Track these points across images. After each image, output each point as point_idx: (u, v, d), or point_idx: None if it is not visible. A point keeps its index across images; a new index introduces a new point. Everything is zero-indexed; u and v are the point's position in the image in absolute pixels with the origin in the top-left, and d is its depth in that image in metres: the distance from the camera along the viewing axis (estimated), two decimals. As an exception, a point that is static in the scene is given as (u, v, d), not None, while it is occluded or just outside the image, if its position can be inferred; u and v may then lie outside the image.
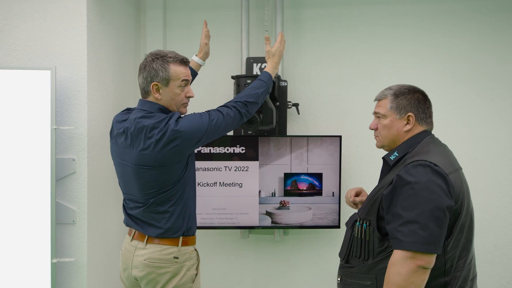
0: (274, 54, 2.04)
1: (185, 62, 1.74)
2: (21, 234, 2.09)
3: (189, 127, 1.64)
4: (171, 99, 1.71)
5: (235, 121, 1.77)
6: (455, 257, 1.43)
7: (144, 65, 1.71)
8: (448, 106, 2.58)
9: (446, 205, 1.36)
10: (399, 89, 1.59)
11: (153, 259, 1.70)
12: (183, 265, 1.71)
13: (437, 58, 2.58)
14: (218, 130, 1.72)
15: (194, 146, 1.68)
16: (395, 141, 1.60)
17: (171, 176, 1.67)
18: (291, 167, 2.44)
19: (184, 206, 1.72)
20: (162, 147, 1.61)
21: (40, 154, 2.09)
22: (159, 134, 1.61)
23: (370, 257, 1.52)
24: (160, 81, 1.68)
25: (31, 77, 2.09)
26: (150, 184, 1.68)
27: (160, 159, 1.63)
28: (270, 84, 1.95)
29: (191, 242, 1.77)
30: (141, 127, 1.64)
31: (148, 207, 1.70)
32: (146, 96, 1.73)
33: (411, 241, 1.35)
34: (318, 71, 2.68)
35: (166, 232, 1.70)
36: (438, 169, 1.39)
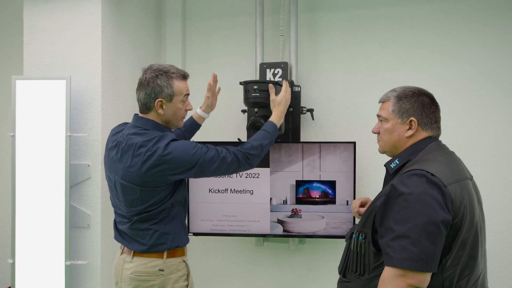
0: (279, 103, 1.96)
1: (186, 76, 1.77)
2: (38, 237, 2.20)
3: (178, 155, 1.61)
4: (173, 114, 1.72)
5: (230, 168, 1.71)
6: (455, 276, 1.31)
7: (147, 81, 1.69)
8: (471, 111, 2.41)
9: (441, 219, 1.25)
10: (403, 92, 1.49)
11: (139, 272, 1.70)
12: (169, 278, 1.69)
13: (460, 60, 2.42)
14: (207, 170, 1.66)
15: (180, 175, 1.65)
16: (396, 146, 1.50)
17: (155, 197, 1.66)
18: (303, 174, 2.38)
19: (169, 224, 1.70)
20: (147, 169, 1.61)
21: (56, 160, 2.19)
22: (146, 155, 1.61)
23: (366, 272, 1.44)
24: (164, 97, 1.68)
25: (48, 87, 2.21)
26: (134, 201, 1.68)
27: (143, 180, 1.63)
28: (275, 135, 1.89)
29: (178, 254, 1.74)
30: (131, 143, 1.65)
31: (133, 224, 1.70)
32: (147, 111, 1.72)
33: (402, 258, 1.25)
34: (334, 76, 2.60)
35: (150, 248, 1.69)
36: (434, 180, 1.29)
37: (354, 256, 1.48)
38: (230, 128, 2.72)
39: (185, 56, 2.84)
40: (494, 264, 2.36)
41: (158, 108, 1.69)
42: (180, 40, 2.80)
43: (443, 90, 2.44)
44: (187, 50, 2.85)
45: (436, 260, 1.26)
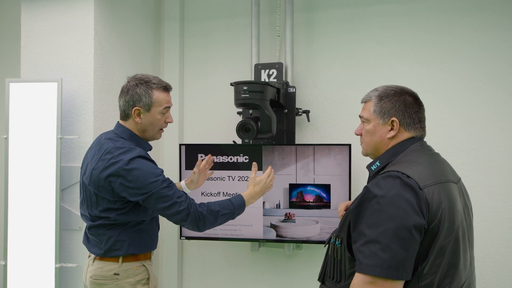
0: (257, 183, 1.87)
1: (168, 88, 1.75)
2: (29, 239, 2.21)
3: (136, 175, 1.58)
4: (151, 124, 1.71)
5: (176, 216, 1.62)
6: (433, 285, 1.22)
7: (127, 89, 1.71)
8: (473, 111, 2.28)
9: (414, 223, 1.17)
10: (385, 91, 1.42)
11: (96, 276, 1.70)
12: (125, 282, 1.67)
13: (460, 59, 2.30)
14: (155, 205, 1.60)
15: (129, 195, 1.60)
16: (378, 148, 1.42)
17: (109, 205, 1.64)
18: (297, 178, 2.31)
19: (125, 232, 1.68)
20: (105, 176, 1.60)
21: (47, 162, 2.20)
22: (109, 161, 1.61)
23: (342, 278, 1.37)
24: (142, 106, 1.68)
25: (40, 89, 2.23)
26: (92, 204, 1.68)
27: (99, 185, 1.62)
28: (238, 212, 1.78)
29: (136, 259, 1.72)
30: (102, 147, 1.67)
31: (90, 229, 1.71)
32: (126, 119, 1.73)
33: (371, 264, 1.17)
34: (331, 76, 2.52)
35: (106, 253, 1.69)
36: (408, 181, 1.21)
37: (331, 262, 1.41)
38: (225, 130, 2.68)
39: (184, 58, 2.83)
40: (497, 272, 2.22)
41: (135, 117, 1.69)
42: (178, 42, 2.79)
43: (443, 89, 2.33)
44: (185, 52, 2.83)
45: (408, 267, 1.18)
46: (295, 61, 2.54)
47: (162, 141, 2.80)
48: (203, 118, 2.76)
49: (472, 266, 1.36)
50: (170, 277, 2.75)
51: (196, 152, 2.41)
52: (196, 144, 2.45)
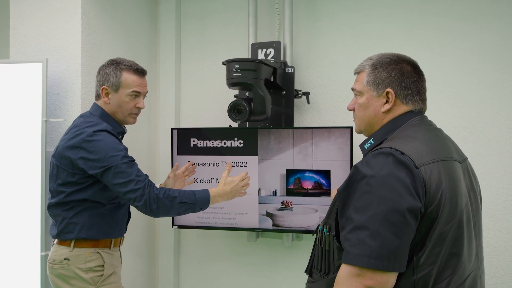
0: (228, 183, 1.77)
1: (140, 72, 1.73)
2: (13, 227, 2.12)
3: (98, 147, 1.57)
4: (119, 106, 1.71)
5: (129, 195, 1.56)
6: (431, 278, 1.06)
7: (100, 69, 1.75)
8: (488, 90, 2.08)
9: (407, 206, 1.01)
10: (379, 59, 1.25)
11: (51, 260, 1.69)
12: (76, 267, 1.63)
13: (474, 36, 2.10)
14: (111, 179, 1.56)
15: (87, 168, 1.58)
16: (372, 124, 1.26)
17: (67, 179, 1.63)
18: (294, 163, 2.16)
19: (80, 215, 1.65)
20: (68, 147, 1.61)
21: (32, 147, 2.11)
22: (74, 133, 1.62)
23: (330, 270, 1.22)
24: (109, 86, 1.70)
25: (25, 71, 2.13)
26: (52, 177, 1.68)
27: (62, 155, 1.62)
28: (200, 206, 1.69)
29: (91, 245, 1.67)
30: (73, 123, 1.70)
31: (49, 208, 1.71)
32: (97, 98, 1.75)
33: (358, 253, 1.02)
34: (333, 56, 2.36)
35: (58, 235, 1.67)
36: (403, 159, 1.05)
37: (319, 252, 1.26)
38: (223, 114, 2.54)
39: (180, 39, 2.70)
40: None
41: (103, 96, 1.71)
42: (174, 22, 2.66)
43: (454, 68, 2.14)
44: (182, 32, 2.70)
45: (402, 257, 1.02)
46: (294, 40, 2.38)
47: (158, 125, 2.69)
48: (201, 102, 2.64)
49: (479, 256, 1.20)
50: (167, 269, 2.64)
51: (189, 137, 2.28)
52: (188, 128, 2.33)
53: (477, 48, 2.11)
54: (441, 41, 2.16)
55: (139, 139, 2.57)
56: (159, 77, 2.72)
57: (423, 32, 2.19)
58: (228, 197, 1.76)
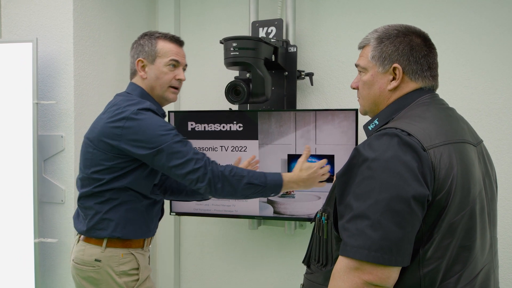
0: (306, 169, 1.56)
1: (177, 40, 1.57)
2: (6, 213, 2.06)
3: (144, 126, 1.39)
4: (157, 78, 1.52)
5: (190, 175, 1.39)
6: (439, 272, 0.95)
7: (133, 44, 1.58)
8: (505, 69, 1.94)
9: (413, 193, 0.90)
10: (386, 31, 1.13)
11: (77, 259, 1.49)
12: (107, 270, 1.45)
13: (491, 8, 1.95)
14: (165, 162, 1.39)
15: (133, 148, 1.39)
16: (377, 103, 1.15)
17: (105, 163, 1.43)
18: (296, 148, 2.05)
19: (115, 210, 1.46)
20: (109, 127, 1.42)
21: (24, 130, 2.03)
22: (114, 112, 1.44)
23: (329, 262, 1.12)
24: (145, 57, 1.52)
25: (14, 51, 2.04)
26: (86, 161, 1.48)
27: (100, 138, 1.43)
28: (270, 190, 1.50)
29: (124, 245, 1.48)
30: (111, 102, 1.51)
31: (80, 199, 1.51)
32: (133, 76, 1.57)
33: (356, 245, 0.92)
34: (338, 34, 2.22)
35: (88, 231, 1.47)
36: (409, 140, 0.94)
37: (317, 241, 1.17)
38: (223, 96, 2.42)
39: (180, 18, 2.58)
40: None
41: (140, 71, 1.53)
42: (173, 0, 2.54)
43: (468, 45, 1.99)
44: (181, 11, 2.58)
45: (405, 249, 0.92)
46: (297, 18, 2.25)
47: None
48: (200, 84, 2.53)
49: (493, 249, 1.09)
50: (167, 257, 2.57)
51: (187, 120, 2.18)
52: (186, 111, 2.22)
53: (494, 22, 1.95)
54: (454, 15, 2.01)
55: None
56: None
57: (434, 4, 2.04)
58: (304, 185, 1.55)
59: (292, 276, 2.35)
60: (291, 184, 1.53)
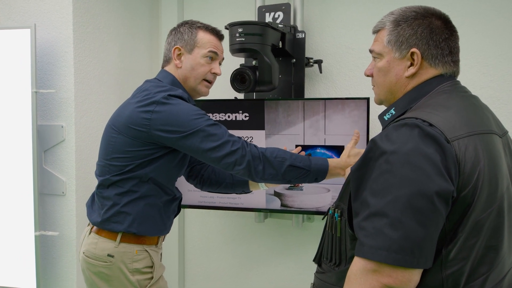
0: (354, 155, 1.47)
1: (218, 33, 1.50)
2: (6, 205, 2.00)
3: (175, 111, 1.32)
4: (192, 69, 1.46)
5: (228, 158, 1.31)
6: (463, 275, 0.88)
7: (171, 31, 1.52)
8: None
9: (436, 189, 0.83)
10: (403, 14, 1.04)
11: (89, 253, 1.42)
12: (120, 267, 1.38)
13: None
14: (200, 145, 1.31)
15: (164, 133, 1.32)
16: (393, 92, 1.07)
17: (129, 148, 1.36)
18: (305, 138, 1.97)
19: (134, 203, 1.38)
20: (138, 112, 1.34)
21: (23, 120, 1.97)
22: (144, 97, 1.37)
23: (342, 261, 1.06)
24: (183, 46, 1.46)
25: (11, 38, 1.97)
26: (109, 146, 1.40)
27: (126, 124, 1.36)
28: (316, 174, 1.42)
29: (139, 241, 1.41)
30: (139, 88, 1.44)
31: (98, 187, 1.44)
32: (166, 64, 1.51)
33: (374, 246, 0.85)
34: (348, 19, 2.13)
35: (103, 223, 1.40)
36: (431, 132, 0.86)
37: (329, 239, 1.10)
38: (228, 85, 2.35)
39: (183, 1, 2.49)
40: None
41: (175, 59, 1.47)
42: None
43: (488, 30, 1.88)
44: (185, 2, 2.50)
45: (428, 250, 0.84)
46: (305, 2, 2.15)
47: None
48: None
49: None
50: (171, 249, 2.52)
51: (191, 110, 2.10)
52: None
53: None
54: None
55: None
56: (160, 44, 2.53)
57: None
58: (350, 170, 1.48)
59: (300, 271, 2.29)
60: (338, 170, 1.44)
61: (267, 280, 2.37)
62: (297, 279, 2.30)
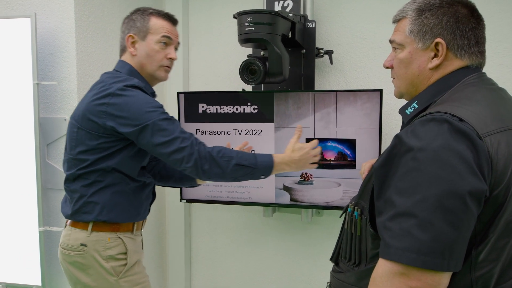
0: (297, 149, 1.49)
1: (171, 18, 1.51)
2: (8, 200, 1.96)
3: (130, 103, 1.34)
4: (147, 56, 1.46)
5: (175, 155, 1.33)
6: (492, 277, 0.85)
7: (124, 19, 1.52)
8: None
9: (469, 188, 0.78)
10: (426, 2, 0.98)
11: (64, 244, 1.46)
12: (93, 255, 1.40)
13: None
14: (150, 139, 1.33)
15: (118, 126, 1.34)
16: (416, 84, 1.01)
17: (90, 142, 1.39)
18: (315, 131, 1.92)
19: (101, 193, 1.41)
20: (94, 105, 1.37)
21: (24, 113, 1.91)
22: (100, 89, 1.39)
23: (362, 261, 1.02)
24: (136, 33, 1.46)
25: (10, 27, 1.90)
26: (72, 141, 1.43)
27: (85, 116, 1.38)
28: (261, 172, 1.43)
29: (112, 229, 1.43)
30: (97, 80, 1.46)
31: (65, 181, 1.47)
32: (122, 53, 1.52)
33: (402, 247, 0.80)
34: (360, 8, 2.06)
35: (73, 215, 1.43)
36: (462, 127, 0.81)
37: (348, 238, 1.06)
38: (234, 76, 2.29)
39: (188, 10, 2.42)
40: None
41: (129, 47, 1.47)
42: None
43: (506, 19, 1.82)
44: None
45: (460, 252, 0.80)
46: (315, -10, 2.08)
47: (164, 89, 2.45)
48: (210, 63, 2.38)
49: None
50: (177, 245, 2.48)
51: (198, 102, 2.05)
52: (197, 92, 2.09)
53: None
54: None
55: (143, 105, 2.35)
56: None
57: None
58: (296, 166, 1.49)
59: (309, 266, 2.26)
60: (283, 166, 1.47)
61: (275, 275, 2.34)
62: (306, 273, 2.27)
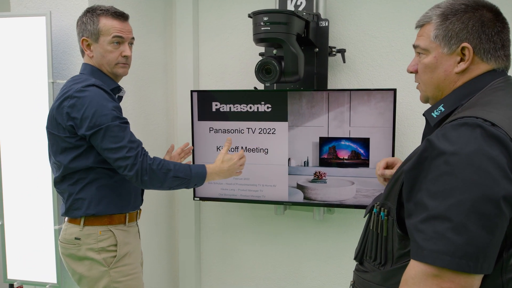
0: (226, 160, 1.65)
1: (120, 15, 1.55)
2: (26, 198, 1.97)
3: (86, 104, 1.41)
4: (102, 57, 1.54)
5: (120, 162, 1.43)
6: (523, 280, 0.86)
7: (77, 21, 1.58)
8: None
9: (504, 193, 0.80)
10: (451, 7, 0.99)
11: (62, 238, 1.59)
12: (86, 249, 1.52)
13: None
14: (101, 143, 1.42)
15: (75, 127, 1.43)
16: (442, 88, 1.03)
17: (63, 145, 1.48)
18: (329, 130, 1.93)
19: (86, 189, 1.51)
20: (57, 107, 1.47)
21: (39, 112, 1.91)
22: (62, 92, 1.49)
23: (388, 261, 1.04)
24: (89, 36, 1.53)
25: (26, 25, 1.90)
26: (52, 148, 1.54)
27: (52, 121, 1.49)
28: (194, 182, 1.58)
29: (104, 222, 1.54)
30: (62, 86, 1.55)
31: (54, 184, 1.59)
32: (83, 55, 1.59)
33: (436, 250, 0.82)
34: (373, 7, 2.07)
35: (67, 213, 1.55)
36: (495, 132, 0.82)
37: (374, 238, 1.08)
38: (246, 74, 2.30)
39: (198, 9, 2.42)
40: None
41: (85, 50, 1.55)
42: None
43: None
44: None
45: (492, 255, 0.82)
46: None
47: (175, 88, 2.46)
48: (222, 61, 2.38)
49: None
50: (188, 243, 2.49)
51: (211, 100, 2.06)
52: (210, 91, 2.10)
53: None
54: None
55: (155, 104, 2.35)
56: (175, 33, 2.46)
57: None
58: (224, 175, 1.65)
59: (321, 263, 2.28)
60: (213, 175, 1.62)
61: (286, 272, 2.36)
62: (317, 271, 2.29)
